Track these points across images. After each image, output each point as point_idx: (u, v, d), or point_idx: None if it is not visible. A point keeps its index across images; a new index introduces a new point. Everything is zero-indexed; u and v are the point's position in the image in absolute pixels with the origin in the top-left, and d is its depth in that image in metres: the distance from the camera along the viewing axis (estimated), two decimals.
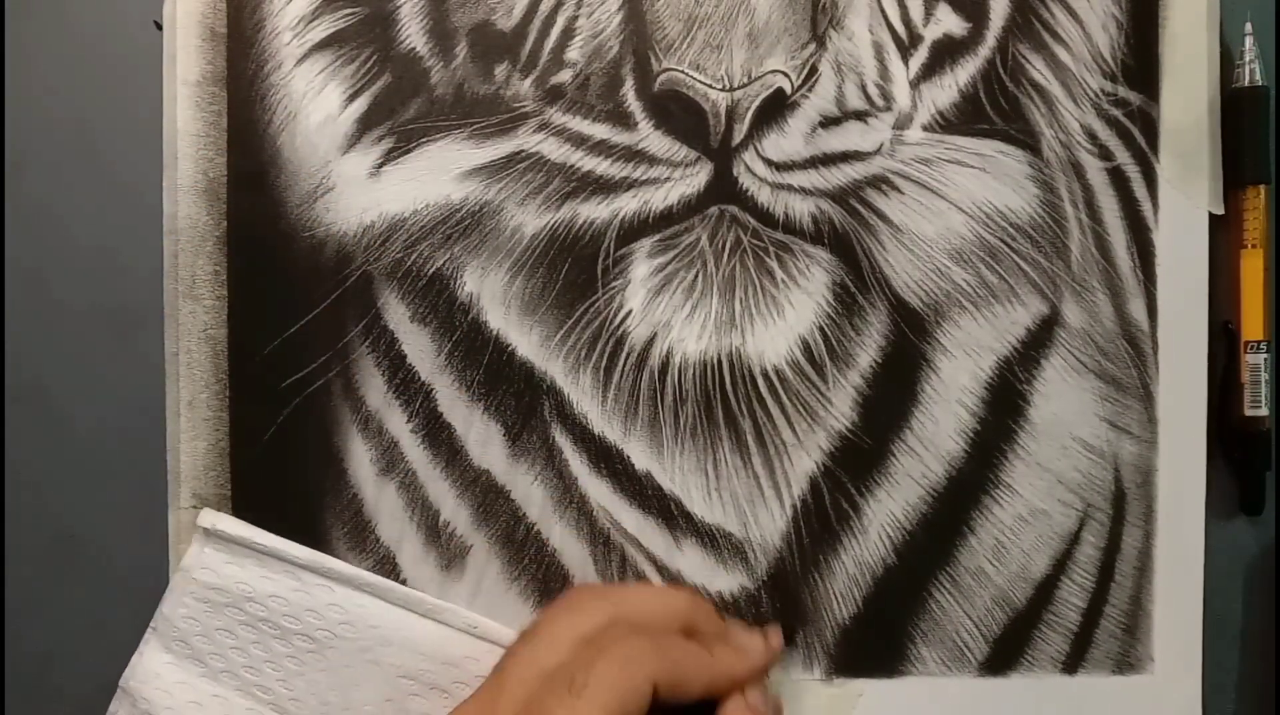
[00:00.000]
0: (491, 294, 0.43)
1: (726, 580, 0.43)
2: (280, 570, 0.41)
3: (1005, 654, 0.44)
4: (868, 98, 0.43)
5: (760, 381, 0.43)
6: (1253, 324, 0.44)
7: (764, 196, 0.43)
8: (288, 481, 0.43)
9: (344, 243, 0.43)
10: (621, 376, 0.43)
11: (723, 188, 0.43)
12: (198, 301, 0.43)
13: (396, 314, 0.43)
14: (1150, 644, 0.44)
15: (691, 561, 0.43)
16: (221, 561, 0.41)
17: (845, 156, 0.43)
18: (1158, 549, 0.44)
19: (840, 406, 0.44)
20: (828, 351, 0.43)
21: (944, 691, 0.44)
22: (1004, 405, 0.44)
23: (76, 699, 0.44)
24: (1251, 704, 0.46)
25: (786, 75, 0.42)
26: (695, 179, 0.42)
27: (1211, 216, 0.44)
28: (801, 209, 0.43)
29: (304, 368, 0.43)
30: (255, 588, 0.41)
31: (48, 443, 0.44)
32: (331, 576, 0.42)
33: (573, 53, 0.43)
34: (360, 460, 0.43)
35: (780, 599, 0.44)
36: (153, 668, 0.41)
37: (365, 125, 0.43)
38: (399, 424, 0.43)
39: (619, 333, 0.43)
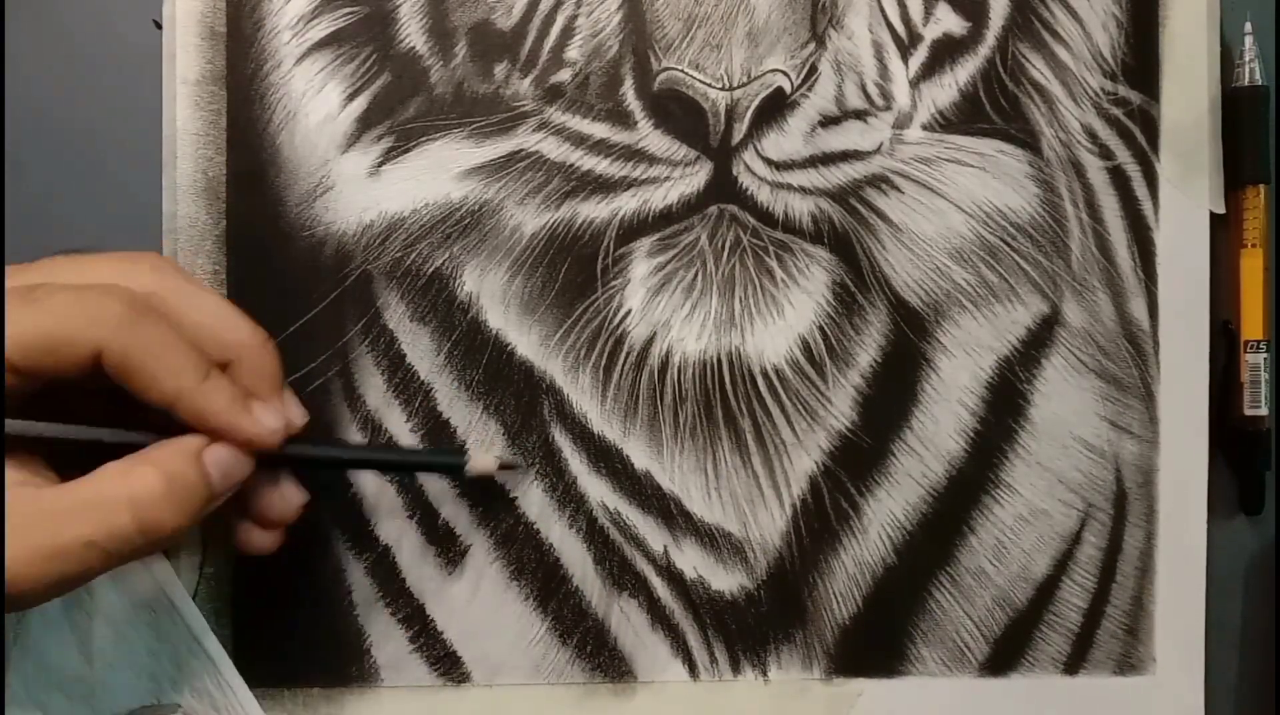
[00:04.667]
0: (491, 293, 0.43)
1: (726, 580, 0.43)
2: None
3: (1006, 654, 0.44)
4: (867, 97, 0.43)
5: (760, 381, 0.43)
6: (1252, 323, 0.44)
7: (764, 196, 0.43)
8: None
9: (343, 242, 0.43)
10: (621, 376, 0.43)
11: (722, 187, 0.43)
12: None
13: (396, 313, 0.43)
14: (1152, 644, 0.44)
15: (691, 561, 0.43)
16: None
17: (845, 156, 0.43)
18: (1159, 549, 0.44)
19: (840, 406, 0.44)
20: (827, 351, 0.43)
21: (944, 691, 0.44)
22: (1004, 405, 0.44)
23: None
24: (1253, 704, 0.45)
25: (786, 74, 0.42)
26: (695, 178, 0.42)
27: (1212, 216, 0.44)
28: (801, 208, 0.43)
29: (303, 367, 0.43)
30: None
31: None
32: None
33: (572, 52, 0.43)
34: None
35: (780, 599, 0.43)
36: None
37: (365, 124, 0.43)
38: (398, 423, 0.43)
39: (618, 332, 0.43)
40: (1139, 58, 0.44)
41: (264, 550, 0.38)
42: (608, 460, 0.43)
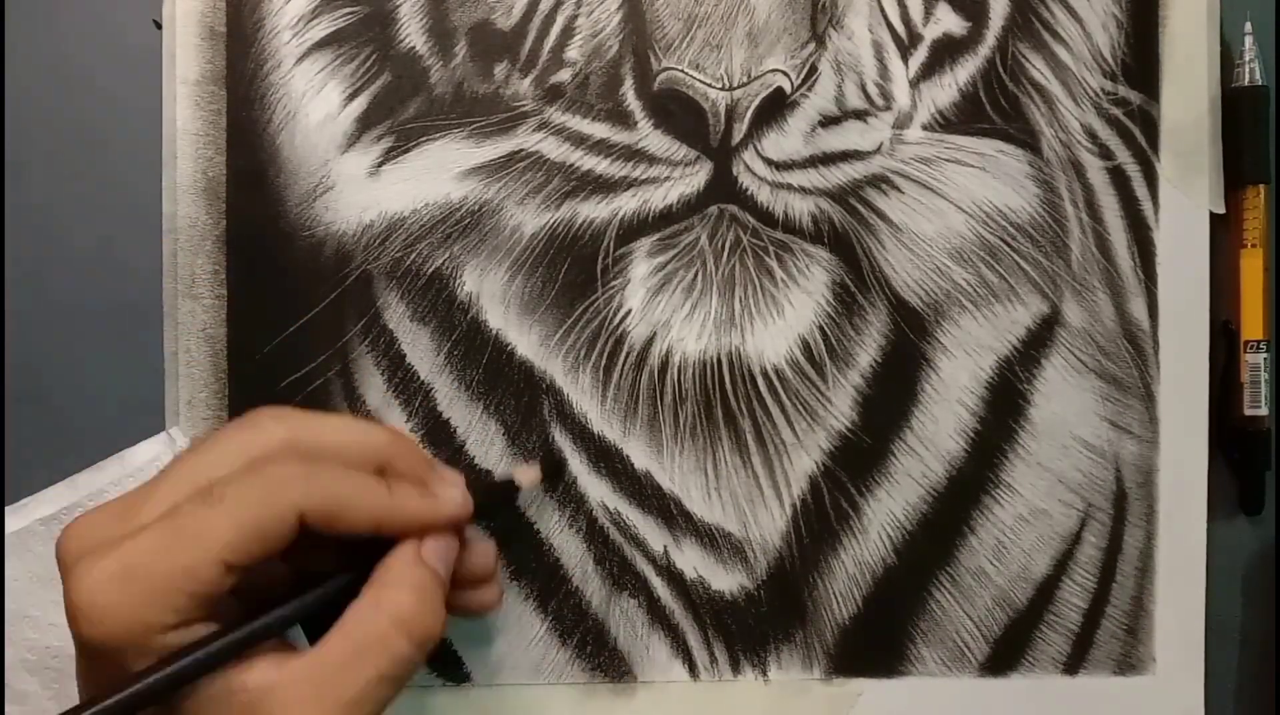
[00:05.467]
0: (491, 293, 0.43)
1: (726, 580, 0.43)
2: None
3: (1006, 654, 0.44)
4: (867, 97, 0.43)
5: (760, 381, 0.43)
6: (1252, 323, 0.44)
7: (764, 196, 0.43)
8: None
9: (343, 242, 0.43)
10: (621, 376, 0.43)
11: (722, 187, 0.43)
12: (197, 301, 0.43)
13: (396, 313, 0.43)
14: (1151, 644, 0.44)
15: (691, 561, 0.43)
16: None
17: (845, 156, 0.43)
18: (1159, 549, 0.44)
19: (840, 406, 0.44)
20: (827, 351, 0.43)
21: (944, 691, 0.44)
22: (1004, 405, 0.44)
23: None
24: (1252, 704, 0.45)
25: (786, 74, 0.42)
26: (695, 178, 0.42)
27: (1212, 216, 0.44)
28: (801, 208, 0.43)
29: (303, 367, 0.43)
30: None
31: (47, 442, 0.44)
32: None
33: (572, 52, 0.43)
34: None
35: (780, 599, 0.43)
36: None
37: (365, 124, 0.43)
38: (399, 423, 0.43)
39: (618, 332, 0.43)
40: (1139, 58, 0.44)
41: (493, 606, 0.39)
42: (608, 460, 0.43)
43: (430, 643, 0.33)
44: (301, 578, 0.33)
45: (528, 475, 0.41)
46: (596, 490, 0.43)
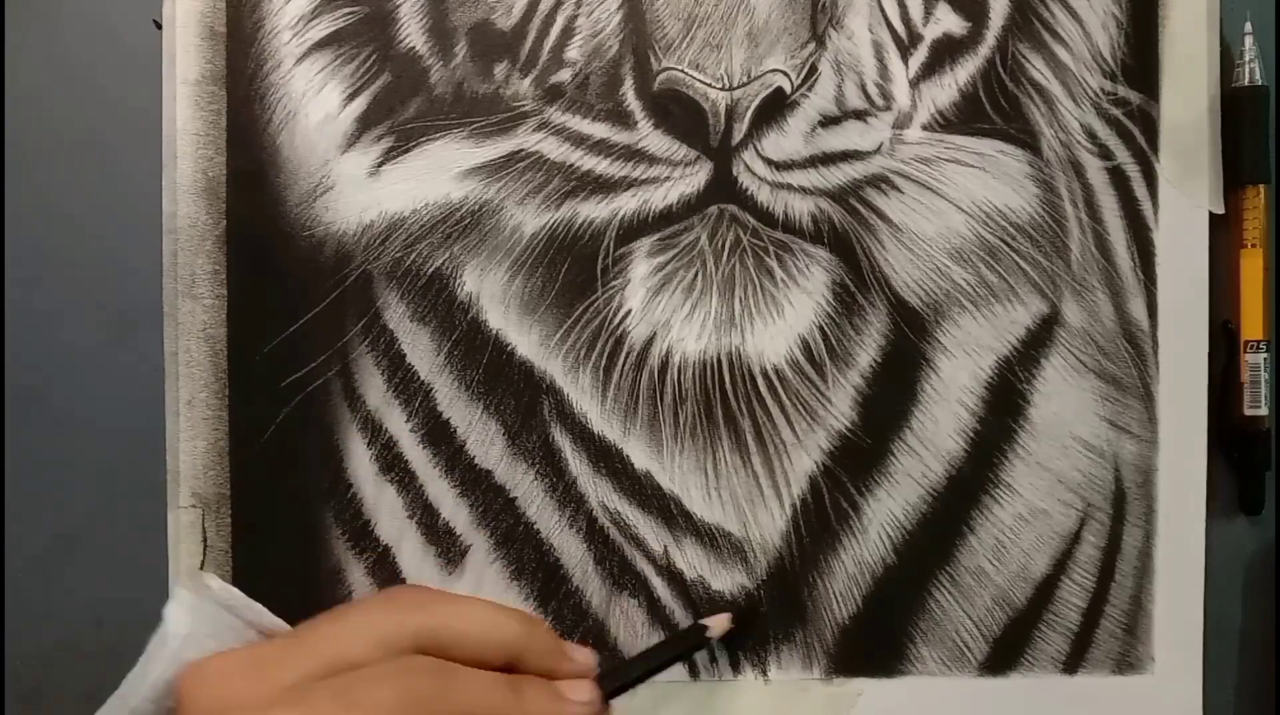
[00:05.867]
0: (491, 293, 0.43)
1: (726, 580, 0.43)
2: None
3: (1005, 654, 0.44)
4: (867, 97, 0.43)
5: (760, 381, 0.43)
6: (1252, 323, 0.44)
7: (764, 196, 0.43)
8: (287, 481, 0.43)
9: (343, 242, 0.43)
10: (621, 376, 0.43)
11: (722, 187, 0.43)
12: (197, 300, 0.43)
13: (396, 313, 0.43)
14: (1150, 644, 0.44)
15: (691, 561, 0.43)
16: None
17: (845, 156, 0.43)
18: (1158, 549, 0.44)
19: (840, 406, 0.44)
20: (827, 351, 0.43)
21: (944, 691, 0.44)
22: (1004, 405, 0.44)
23: (76, 698, 0.43)
24: (1252, 704, 0.46)
25: (786, 74, 0.42)
26: (695, 178, 0.42)
27: (1211, 216, 0.44)
28: (801, 208, 0.43)
29: (303, 367, 0.43)
30: None
31: (47, 442, 0.44)
32: None
33: (572, 52, 0.43)
34: (360, 459, 0.43)
35: (780, 599, 0.44)
36: None
37: (365, 124, 0.43)
38: (399, 423, 0.43)
39: (618, 332, 0.43)
40: (1139, 58, 0.44)
41: None
42: (608, 460, 0.43)
43: None
44: None
45: (720, 626, 0.41)
46: (596, 490, 0.43)
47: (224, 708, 0.30)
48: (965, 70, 0.44)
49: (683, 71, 0.42)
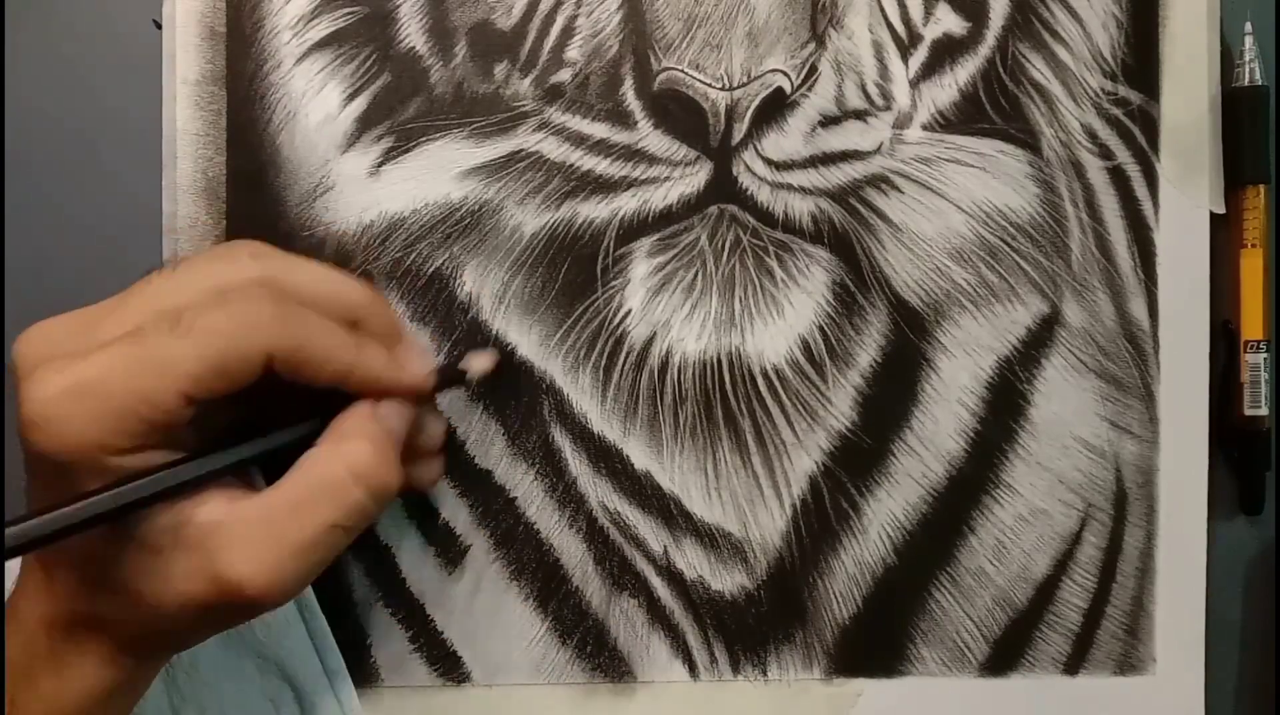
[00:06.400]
0: (491, 293, 0.43)
1: (726, 580, 0.43)
2: None
3: (1006, 654, 0.44)
4: (867, 97, 0.43)
5: (760, 381, 0.43)
6: (1252, 323, 0.44)
7: (764, 196, 0.43)
8: None
9: (343, 242, 0.43)
10: (621, 376, 0.43)
11: (722, 187, 0.43)
12: None
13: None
14: (1152, 645, 0.44)
15: (691, 561, 0.43)
16: None
17: (845, 156, 0.43)
18: (1159, 549, 0.44)
19: (840, 406, 0.44)
20: (827, 351, 0.43)
21: (944, 691, 0.44)
22: (1004, 405, 0.44)
23: None
24: (1252, 704, 0.45)
25: (786, 74, 0.42)
26: (695, 178, 0.42)
27: (1212, 216, 0.44)
28: (801, 208, 0.43)
29: None
30: None
31: None
32: None
33: (572, 52, 0.43)
34: None
35: (780, 599, 0.43)
36: None
37: (365, 124, 0.43)
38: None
39: (618, 332, 0.43)
40: (1139, 58, 0.44)
41: (432, 483, 0.40)
42: (608, 460, 0.43)
43: (385, 496, 0.33)
44: (259, 421, 0.33)
45: (479, 363, 0.40)
46: (596, 490, 0.43)
47: (49, 357, 0.29)
48: (965, 70, 0.44)
49: (683, 71, 0.42)
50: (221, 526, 0.30)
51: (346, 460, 0.32)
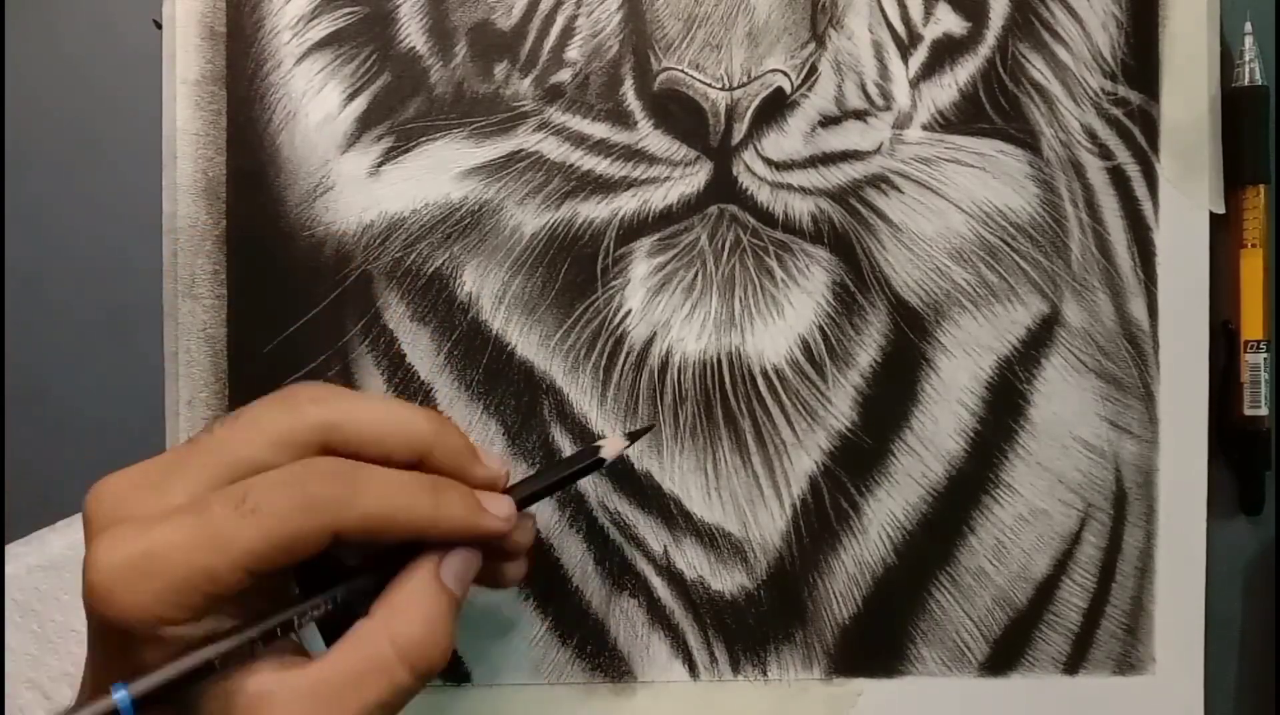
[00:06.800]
0: (491, 293, 0.43)
1: (726, 580, 0.43)
2: None
3: (1006, 654, 0.44)
4: (867, 97, 0.43)
5: (760, 381, 0.43)
6: (1252, 324, 0.44)
7: (764, 196, 0.43)
8: None
9: (343, 242, 0.43)
10: (621, 376, 0.43)
11: (722, 187, 0.43)
12: (197, 301, 0.43)
13: (396, 313, 0.43)
14: (1151, 644, 0.44)
15: (691, 561, 0.43)
16: None
17: (845, 156, 0.43)
18: (1159, 549, 0.44)
19: (840, 406, 0.44)
20: (827, 351, 0.43)
21: (944, 691, 0.44)
22: (1004, 405, 0.44)
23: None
24: (1252, 705, 0.45)
25: (786, 74, 0.42)
26: (695, 178, 0.42)
27: (1212, 216, 0.44)
28: (801, 208, 0.43)
29: (303, 367, 0.43)
30: None
31: (47, 442, 0.44)
32: None
33: (572, 52, 0.43)
34: None
35: (780, 599, 0.43)
36: None
37: (365, 124, 0.43)
38: None
39: (618, 332, 0.43)
40: (1139, 58, 0.44)
41: (520, 580, 0.38)
42: None
43: (432, 675, 0.32)
44: (318, 571, 0.33)
45: (613, 446, 0.38)
46: (596, 490, 0.43)
47: (120, 518, 0.29)
48: (965, 70, 0.44)
49: (683, 71, 0.42)
50: (271, 699, 0.30)
51: (397, 641, 0.31)
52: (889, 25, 0.43)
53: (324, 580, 0.32)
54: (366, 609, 0.32)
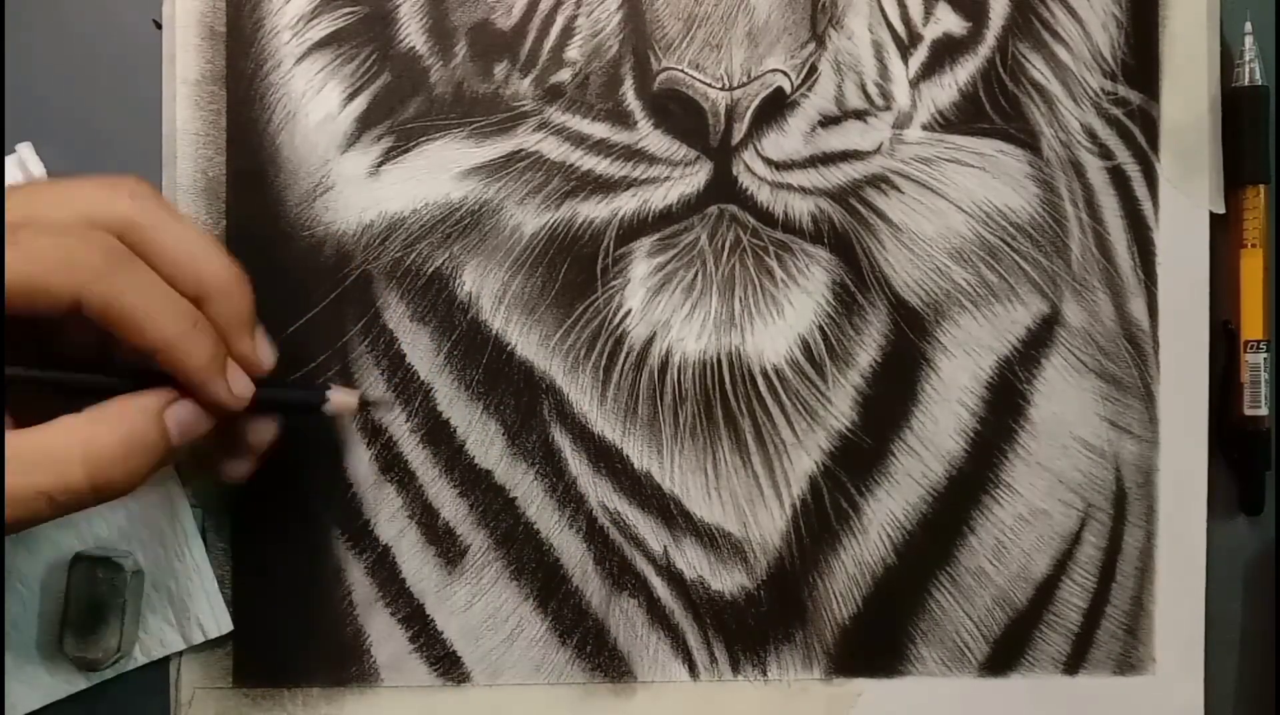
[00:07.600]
0: (491, 293, 0.43)
1: (726, 580, 0.43)
2: None
3: (1006, 654, 0.44)
4: (867, 97, 0.43)
5: (760, 381, 0.43)
6: (1252, 323, 0.44)
7: (764, 196, 0.43)
8: (287, 481, 0.43)
9: (343, 242, 0.43)
10: (621, 376, 0.43)
11: (722, 187, 0.43)
12: None
13: (396, 313, 0.43)
14: (1151, 644, 0.44)
15: (691, 561, 0.43)
16: None
17: (845, 155, 0.43)
18: (1159, 549, 0.44)
19: (840, 406, 0.44)
20: (827, 351, 0.43)
21: (944, 691, 0.44)
22: (1004, 405, 0.44)
23: None
24: (1253, 704, 0.45)
25: (786, 74, 0.42)
26: (695, 178, 0.42)
27: (1212, 216, 0.44)
28: (801, 208, 0.43)
29: (303, 367, 0.43)
30: None
31: None
32: None
33: (572, 52, 0.43)
34: (360, 459, 0.43)
35: (780, 599, 0.43)
36: None
37: (365, 124, 0.43)
38: (398, 423, 0.43)
39: (618, 332, 0.43)
40: (1139, 58, 0.44)
41: (238, 478, 0.38)
42: (608, 460, 0.43)
43: (108, 495, 0.32)
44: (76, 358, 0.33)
45: (342, 401, 0.38)
46: (596, 490, 0.43)
47: None
48: (965, 70, 0.44)
49: (683, 71, 0.42)
50: None
51: (87, 442, 0.31)
52: (889, 25, 0.43)
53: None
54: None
